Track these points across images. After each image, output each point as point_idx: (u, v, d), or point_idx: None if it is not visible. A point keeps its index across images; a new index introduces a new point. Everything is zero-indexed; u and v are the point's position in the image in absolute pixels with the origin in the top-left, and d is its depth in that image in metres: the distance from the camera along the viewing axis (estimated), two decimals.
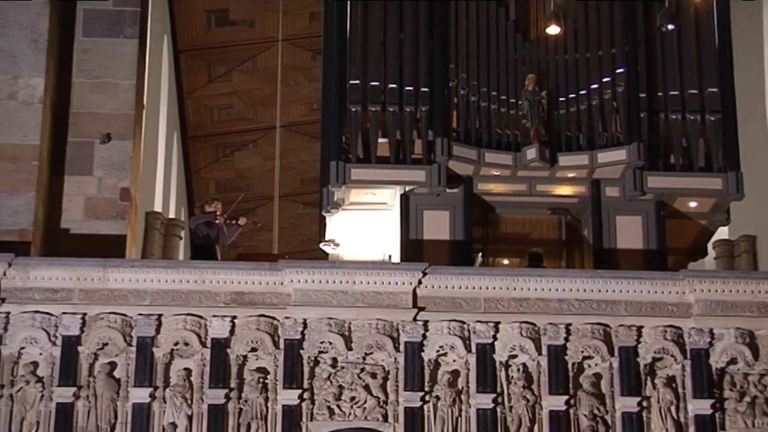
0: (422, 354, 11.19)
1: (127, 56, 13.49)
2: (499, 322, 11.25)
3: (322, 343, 11.15)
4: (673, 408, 11.16)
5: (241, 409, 11.02)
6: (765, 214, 17.21)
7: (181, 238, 15.93)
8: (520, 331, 11.22)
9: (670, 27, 13.18)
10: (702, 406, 11.13)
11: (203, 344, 11.15)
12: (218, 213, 13.09)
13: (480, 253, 13.79)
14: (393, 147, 13.37)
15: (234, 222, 13.14)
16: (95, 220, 13.04)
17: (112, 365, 11.10)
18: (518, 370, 11.20)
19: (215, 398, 11.01)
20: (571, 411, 11.13)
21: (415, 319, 11.22)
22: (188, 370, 11.11)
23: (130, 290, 11.24)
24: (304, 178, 22.90)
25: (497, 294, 11.34)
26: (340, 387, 11.11)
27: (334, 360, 11.17)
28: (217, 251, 12.96)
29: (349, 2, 13.82)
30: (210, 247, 12.89)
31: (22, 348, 11.09)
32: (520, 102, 13.70)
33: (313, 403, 11.06)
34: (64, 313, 11.14)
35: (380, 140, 13.40)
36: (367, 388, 11.11)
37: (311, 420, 11.02)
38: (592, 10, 14.12)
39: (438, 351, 11.22)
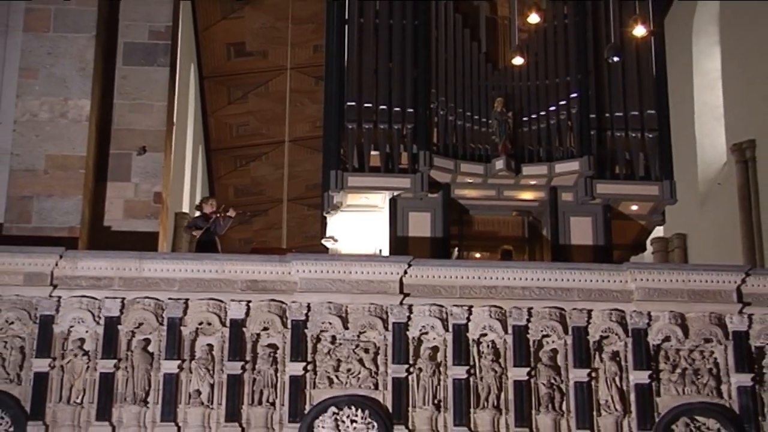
0: (407, 333, 11.16)
1: (159, 81, 13.46)
2: (472, 306, 11.22)
3: (323, 323, 11.12)
4: (617, 378, 11.14)
5: (254, 379, 10.98)
6: (694, 216, 17.30)
7: None
8: (490, 314, 11.20)
9: (616, 59, 13.17)
10: (641, 377, 11.12)
11: (223, 324, 11.10)
12: (213, 210, 12.81)
13: (456, 248, 13.77)
14: (383, 158, 13.36)
15: (225, 214, 12.93)
16: (132, 219, 13.01)
17: (147, 341, 11.04)
18: (488, 346, 11.17)
19: (233, 369, 10.97)
20: (532, 380, 11.09)
21: (401, 303, 11.19)
22: (210, 346, 11.06)
23: (161, 278, 11.19)
24: (309, 184, 22.91)
25: (470, 282, 11.30)
26: (338, 360, 11.07)
27: (333, 337, 11.13)
28: (217, 243, 12.70)
29: (346, 37, 13.83)
30: (211, 241, 12.72)
31: (71, 327, 11.05)
32: (490, 121, 13.71)
33: (315, 373, 11.02)
34: (106, 297, 11.08)
35: (373, 153, 13.38)
36: (361, 361, 11.06)
37: (314, 388, 10.98)
38: (550, 44, 14.15)
39: (420, 330, 11.18)
